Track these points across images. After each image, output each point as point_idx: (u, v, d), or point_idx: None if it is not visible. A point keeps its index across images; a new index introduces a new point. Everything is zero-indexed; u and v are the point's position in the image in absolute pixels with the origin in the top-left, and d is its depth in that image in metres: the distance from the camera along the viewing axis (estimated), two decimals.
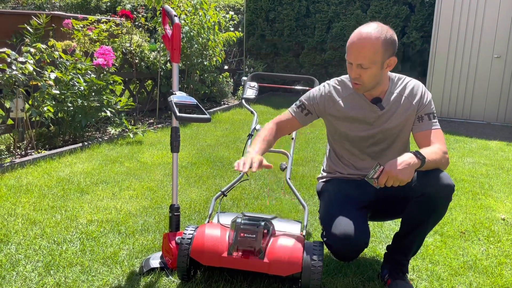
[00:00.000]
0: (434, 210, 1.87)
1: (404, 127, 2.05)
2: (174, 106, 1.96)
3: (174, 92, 2.08)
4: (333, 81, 2.13)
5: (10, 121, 4.01)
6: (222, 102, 7.68)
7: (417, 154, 1.79)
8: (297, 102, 2.15)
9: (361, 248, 1.87)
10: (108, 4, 10.82)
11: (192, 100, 2.05)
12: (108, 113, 4.62)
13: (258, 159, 1.83)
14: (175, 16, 2.10)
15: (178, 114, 1.91)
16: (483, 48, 7.09)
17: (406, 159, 1.76)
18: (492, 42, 7.03)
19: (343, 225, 1.85)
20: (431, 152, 1.86)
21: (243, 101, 2.80)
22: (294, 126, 2.16)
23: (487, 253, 2.51)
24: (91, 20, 5.59)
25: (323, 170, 2.32)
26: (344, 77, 2.12)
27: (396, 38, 1.91)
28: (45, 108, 3.98)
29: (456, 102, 7.40)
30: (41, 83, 3.91)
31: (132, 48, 5.78)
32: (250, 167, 1.78)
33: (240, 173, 2.43)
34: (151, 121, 5.85)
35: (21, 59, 3.78)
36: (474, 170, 4.26)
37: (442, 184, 1.81)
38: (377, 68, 1.89)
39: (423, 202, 1.86)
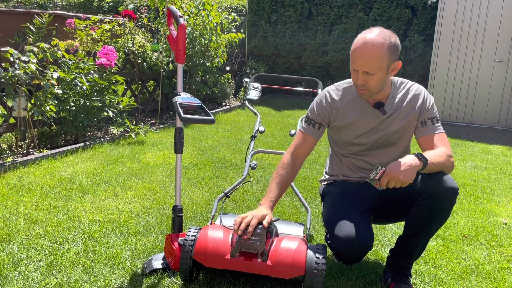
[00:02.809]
0: (438, 213, 1.87)
1: (406, 131, 2.06)
2: (179, 107, 1.96)
3: (178, 93, 2.08)
4: (331, 90, 2.11)
5: (12, 120, 4.01)
6: (224, 103, 7.68)
7: (419, 155, 1.79)
8: (305, 119, 2.12)
9: (365, 250, 1.87)
10: (111, 4, 10.82)
11: (196, 101, 2.05)
12: (110, 113, 4.62)
13: (257, 221, 1.84)
14: (181, 17, 2.10)
15: (182, 115, 1.91)
16: (485, 52, 7.09)
17: (407, 160, 1.77)
18: (494, 46, 7.03)
19: (347, 227, 1.85)
20: (434, 154, 1.87)
21: (246, 102, 2.79)
22: (311, 144, 2.10)
23: (489, 258, 2.51)
24: (94, 20, 5.59)
25: (326, 173, 2.32)
26: (343, 83, 2.11)
27: (399, 42, 1.92)
28: (47, 108, 3.98)
29: (458, 106, 7.40)
30: (44, 82, 3.91)
31: (134, 48, 5.78)
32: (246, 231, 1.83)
33: (242, 175, 2.42)
34: (153, 121, 5.86)
35: (24, 58, 3.78)
36: (476, 174, 4.26)
37: (446, 187, 1.82)
38: (383, 73, 1.89)
39: (427, 205, 1.85)
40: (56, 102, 4.12)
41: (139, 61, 5.84)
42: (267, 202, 1.96)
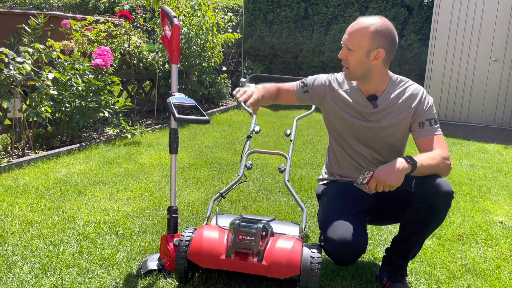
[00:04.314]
0: (433, 217, 1.87)
1: (398, 130, 2.04)
2: (173, 108, 1.95)
3: (173, 94, 2.07)
4: (339, 74, 2.19)
5: (7, 121, 3.99)
6: (220, 104, 7.68)
7: (407, 159, 1.80)
8: (303, 79, 2.24)
9: (358, 253, 1.86)
10: (107, 4, 10.80)
11: (191, 102, 2.05)
12: (106, 114, 4.60)
13: (258, 94, 1.96)
14: (175, 17, 2.10)
15: (177, 115, 1.90)
16: (480, 51, 7.11)
17: (395, 164, 1.79)
18: (490, 45, 7.05)
19: (341, 230, 1.84)
20: (426, 157, 1.86)
21: (242, 102, 2.79)
22: (291, 98, 2.24)
23: (485, 256, 2.51)
24: (89, 21, 5.58)
25: (324, 172, 2.32)
26: None
27: (392, 33, 1.95)
28: (43, 109, 3.96)
29: (454, 105, 7.42)
30: (39, 83, 3.89)
31: (130, 49, 5.77)
32: (246, 102, 1.96)
33: (238, 175, 2.42)
34: (149, 122, 5.84)
35: (19, 59, 3.76)
36: (472, 173, 4.27)
37: (441, 191, 1.81)
38: (362, 54, 1.93)
39: (422, 208, 1.85)
40: (51, 103, 4.11)
41: (135, 62, 5.82)
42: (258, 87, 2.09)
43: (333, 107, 2.12)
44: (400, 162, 1.78)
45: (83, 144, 4.36)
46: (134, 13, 6.56)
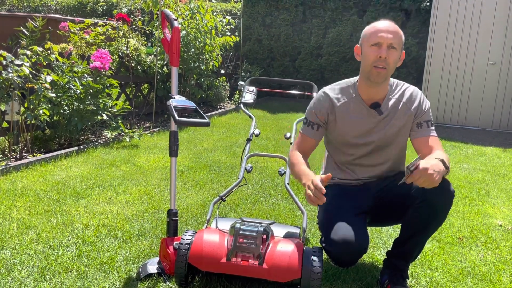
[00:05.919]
0: (435, 216, 1.87)
1: (401, 132, 2.06)
2: (173, 110, 1.95)
3: (173, 96, 2.07)
4: (328, 89, 2.12)
5: (5, 124, 3.97)
6: (219, 106, 7.67)
7: (444, 162, 1.74)
8: (303, 121, 2.14)
9: (360, 253, 1.86)
10: (105, 7, 10.80)
11: (191, 104, 2.04)
12: (104, 117, 4.59)
13: (318, 179, 1.77)
14: (175, 20, 2.09)
15: (177, 118, 1.90)
16: (478, 54, 7.14)
17: (439, 164, 1.71)
18: (488, 49, 7.08)
19: (342, 230, 1.84)
20: (446, 160, 1.79)
21: (241, 105, 2.78)
22: (312, 144, 2.13)
23: (485, 260, 2.51)
24: (87, 23, 5.57)
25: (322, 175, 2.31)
26: (339, 84, 2.13)
27: None
28: (41, 111, 3.95)
29: (452, 108, 7.44)
30: (37, 86, 3.88)
31: (128, 52, 5.76)
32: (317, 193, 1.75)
33: (237, 178, 2.41)
34: (148, 124, 5.83)
35: (17, 61, 3.75)
36: (471, 176, 4.27)
37: (443, 191, 1.81)
38: (398, 55, 1.96)
39: (423, 208, 1.85)
40: (49, 105, 4.09)
41: (133, 65, 5.81)
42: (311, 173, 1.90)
43: (335, 126, 2.09)
44: (441, 164, 1.72)
45: (81, 147, 4.35)
46: (132, 16, 6.56)
